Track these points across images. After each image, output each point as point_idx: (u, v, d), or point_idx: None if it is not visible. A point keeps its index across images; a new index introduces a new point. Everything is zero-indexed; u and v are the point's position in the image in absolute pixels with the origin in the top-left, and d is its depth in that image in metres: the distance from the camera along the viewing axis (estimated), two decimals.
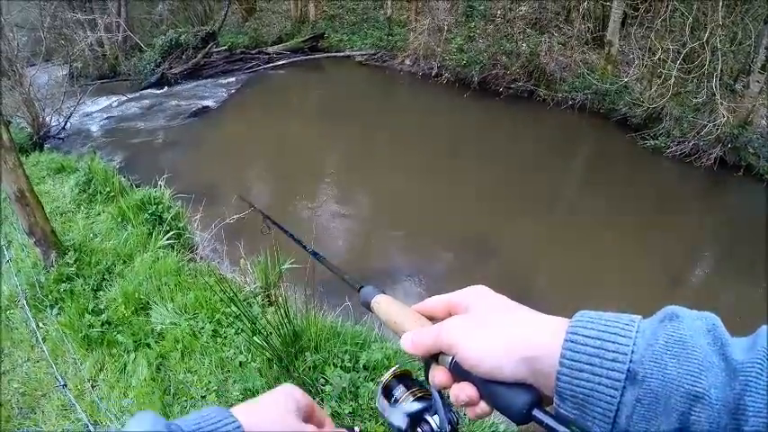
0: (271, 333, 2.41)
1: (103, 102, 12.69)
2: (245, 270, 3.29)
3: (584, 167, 8.10)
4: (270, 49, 15.09)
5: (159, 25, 17.76)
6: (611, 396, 0.38)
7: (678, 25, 8.81)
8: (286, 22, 17.31)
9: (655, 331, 0.38)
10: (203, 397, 2.51)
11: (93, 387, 2.98)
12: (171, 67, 13.88)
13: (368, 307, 0.63)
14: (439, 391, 0.52)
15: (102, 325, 3.25)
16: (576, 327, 0.41)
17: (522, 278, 4.99)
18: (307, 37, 15.35)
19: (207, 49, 14.26)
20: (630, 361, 0.37)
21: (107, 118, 11.11)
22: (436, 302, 0.54)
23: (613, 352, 0.38)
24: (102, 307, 3.41)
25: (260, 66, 14.45)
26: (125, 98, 12.82)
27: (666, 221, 6.16)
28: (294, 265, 3.03)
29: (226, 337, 2.75)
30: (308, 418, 0.53)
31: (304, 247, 0.92)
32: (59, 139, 9.68)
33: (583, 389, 0.39)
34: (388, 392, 0.59)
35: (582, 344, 0.40)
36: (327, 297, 3.13)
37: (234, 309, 2.74)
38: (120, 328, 3.19)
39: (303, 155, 7.83)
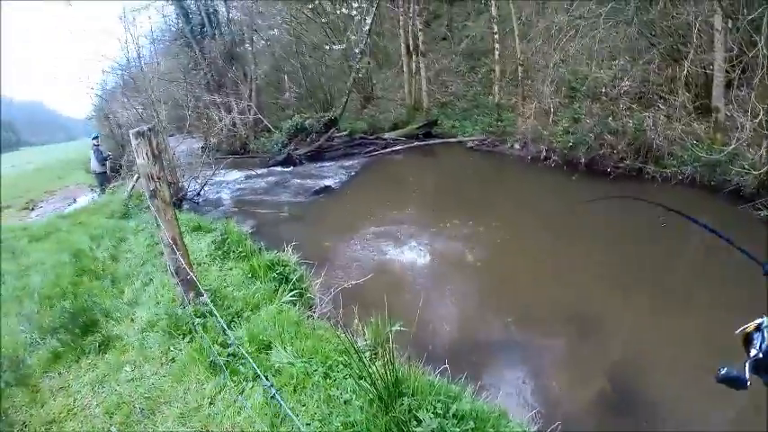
0: (377, 380, 3.09)
1: (235, 174, 14.80)
2: (357, 331, 4.06)
3: (696, 247, 7.97)
4: (387, 135, 16.96)
5: (285, 110, 20.51)
6: None
7: None
8: (401, 109, 19.23)
9: None
10: (308, 424, 3.20)
11: (210, 404, 3.76)
12: (296, 149, 15.98)
13: None
14: None
15: (228, 356, 4.10)
16: None
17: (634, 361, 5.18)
18: (421, 124, 17.06)
19: (329, 133, 16.37)
20: None
21: (238, 189, 13.00)
22: None
23: None
24: (229, 342, 4.28)
25: (378, 150, 16.26)
26: (254, 173, 14.87)
27: None
28: (402, 329, 3.75)
29: (335, 380, 3.47)
30: None
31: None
32: (195, 202, 11.48)
33: None
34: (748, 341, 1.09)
35: None
36: (428, 359, 3.78)
37: (345, 358, 3.49)
38: (243, 361, 4.00)
39: (414, 236, 8.76)
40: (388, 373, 3.04)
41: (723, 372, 1.58)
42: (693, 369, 4.84)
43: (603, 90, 12.09)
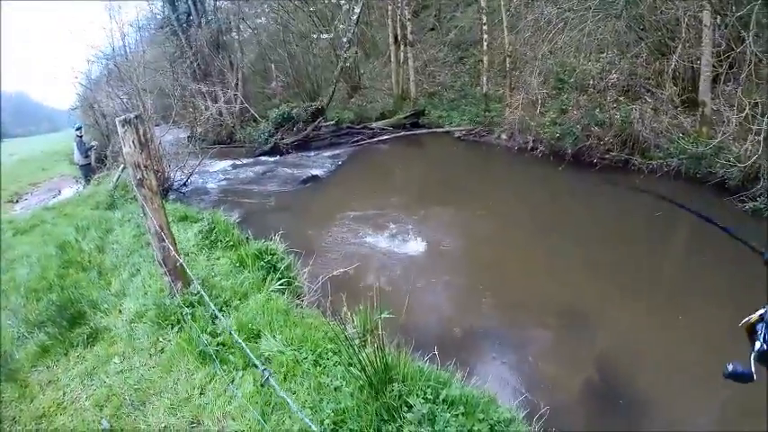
0: (366, 367, 3.13)
1: (221, 164, 14.74)
2: (346, 319, 4.09)
3: (684, 238, 8.00)
4: (374, 125, 17.09)
5: (272, 99, 20.49)
6: None
7: (765, 76, 9.06)
8: (388, 99, 19.31)
9: None
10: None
11: (200, 394, 3.78)
12: (283, 138, 15.99)
13: None
14: None
15: (217, 345, 4.12)
16: None
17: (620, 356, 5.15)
18: (408, 113, 17.18)
19: (316, 123, 16.43)
20: None
21: (224, 179, 12.97)
22: None
23: None
24: (218, 331, 4.29)
25: (364, 140, 16.41)
26: (240, 163, 14.82)
27: None
28: (391, 315, 3.79)
29: (325, 367, 3.50)
30: None
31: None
32: (181, 192, 11.43)
33: None
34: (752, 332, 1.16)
35: None
36: (417, 346, 3.82)
37: (334, 345, 3.52)
38: (233, 350, 4.02)
39: (400, 224, 8.84)
40: (378, 359, 3.08)
41: (730, 369, 1.65)
42: (683, 363, 4.90)
43: (591, 82, 12.14)
